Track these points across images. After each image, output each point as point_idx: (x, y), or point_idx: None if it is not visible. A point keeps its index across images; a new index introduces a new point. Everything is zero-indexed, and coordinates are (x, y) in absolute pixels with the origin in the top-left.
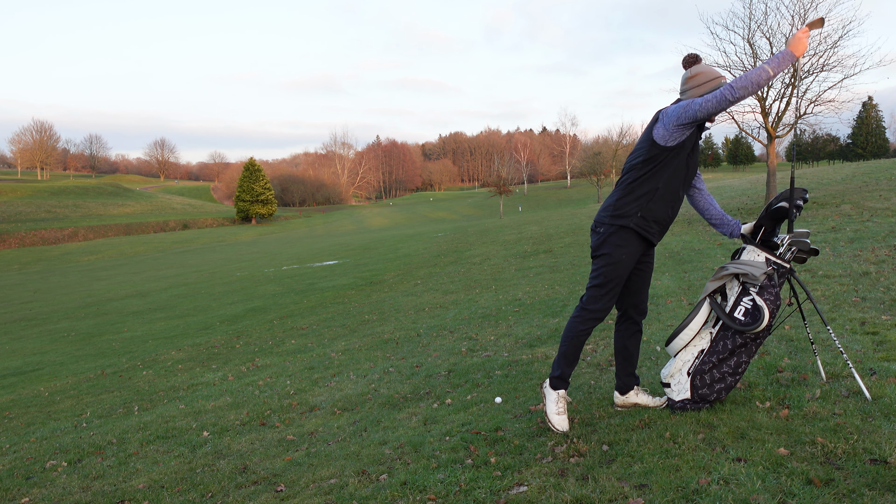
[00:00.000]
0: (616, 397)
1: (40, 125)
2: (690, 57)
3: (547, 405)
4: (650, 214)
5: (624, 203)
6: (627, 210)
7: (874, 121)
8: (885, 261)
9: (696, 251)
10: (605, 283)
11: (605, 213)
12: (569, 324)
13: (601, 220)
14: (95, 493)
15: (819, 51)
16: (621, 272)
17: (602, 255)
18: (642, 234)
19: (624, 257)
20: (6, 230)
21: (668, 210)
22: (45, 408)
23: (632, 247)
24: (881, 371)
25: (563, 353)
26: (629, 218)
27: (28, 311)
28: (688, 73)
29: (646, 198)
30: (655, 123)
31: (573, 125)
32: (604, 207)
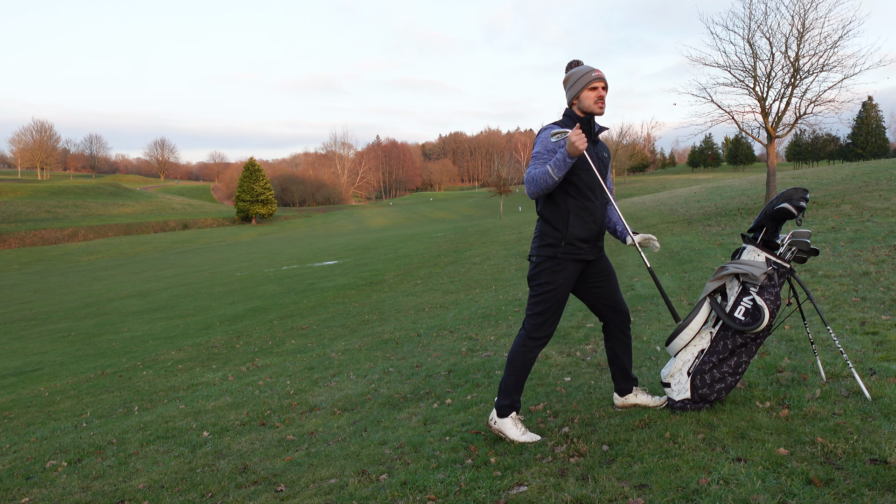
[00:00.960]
0: (616, 399)
1: (40, 125)
2: (572, 62)
3: (508, 434)
4: (573, 237)
5: (546, 233)
6: (551, 240)
7: (874, 121)
8: (885, 261)
9: (696, 251)
10: (546, 310)
11: (534, 244)
12: (515, 353)
13: (532, 251)
14: (95, 493)
15: (819, 51)
16: (560, 297)
17: (539, 284)
18: (573, 258)
19: (562, 282)
20: (6, 230)
21: (589, 226)
22: (45, 408)
23: (567, 271)
24: (881, 371)
25: (513, 383)
26: (555, 248)
27: (28, 311)
28: (564, 77)
29: (562, 224)
30: None
31: None
32: (533, 238)
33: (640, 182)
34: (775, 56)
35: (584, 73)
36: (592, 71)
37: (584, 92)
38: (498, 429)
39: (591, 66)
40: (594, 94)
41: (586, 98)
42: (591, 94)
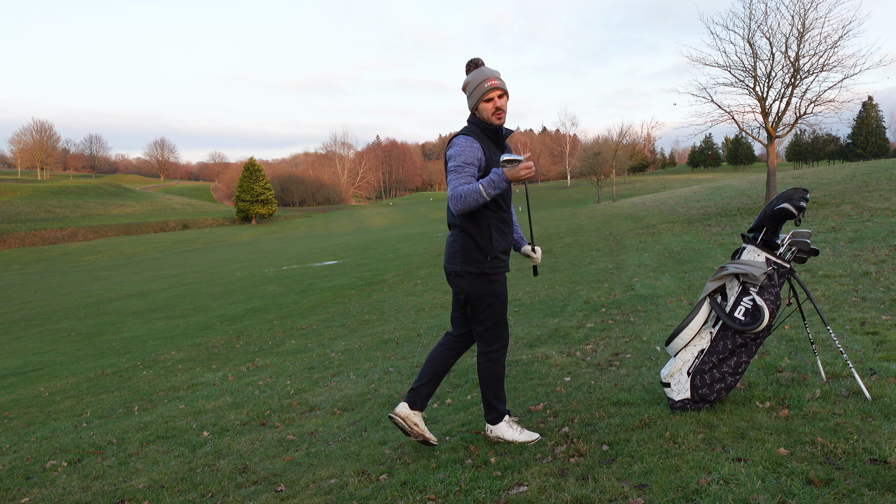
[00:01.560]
0: (402, 407)
1: (40, 125)
2: (470, 62)
3: (507, 437)
4: (497, 251)
5: (469, 250)
6: (477, 256)
7: (874, 121)
8: (885, 261)
9: (696, 251)
10: (499, 321)
11: (454, 260)
12: (484, 371)
13: (458, 270)
14: (95, 493)
15: (819, 51)
16: (505, 301)
17: (482, 298)
18: (499, 272)
19: (502, 288)
20: (6, 230)
21: (507, 237)
22: (45, 408)
23: (501, 277)
24: (881, 371)
25: (493, 395)
26: (482, 264)
27: (28, 311)
28: (464, 83)
29: (485, 238)
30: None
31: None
32: (450, 256)
33: (640, 182)
34: (775, 56)
35: (478, 82)
36: (486, 80)
37: (481, 104)
38: (496, 435)
39: (487, 72)
40: (490, 105)
41: (484, 110)
42: (488, 105)
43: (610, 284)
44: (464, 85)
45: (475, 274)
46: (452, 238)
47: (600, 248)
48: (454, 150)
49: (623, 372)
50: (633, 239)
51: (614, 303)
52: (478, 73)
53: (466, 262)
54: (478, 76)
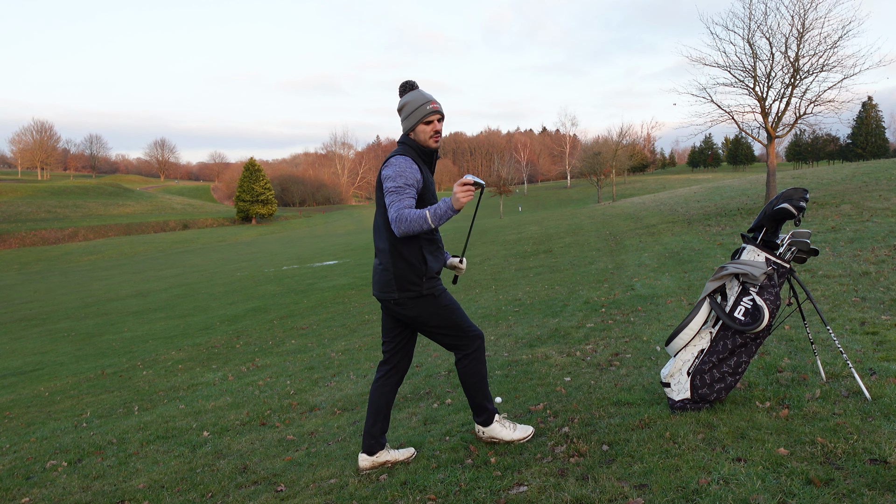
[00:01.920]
0: (364, 460)
1: (40, 125)
2: (402, 85)
3: (501, 436)
4: (432, 272)
5: (404, 274)
6: (414, 279)
7: (874, 121)
8: (885, 261)
9: (696, 251)
10: (461, 324)
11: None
12: (471, 371)
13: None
14: (95, 493)
15: (819, 51)
16: (458, 306)
17: (433, 316)
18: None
19: (449, 299)
20: (6, 230)
21: (439, 258)
22: (45, 408)
23: (443, 291)
24: (881, 371)
25: (483, 396)
26: (419, 286)
27: (28, 311)
28: (400, 104)
29: (420, 260)
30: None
31: (573, 125)
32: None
33: (640, 182)
34: (775, 56)
35: (419, 104)
36: (427, 103)
37: (419, 126)
38: (489, 436)
39: (427, 95)
40: (430, 128)
41: (422, 132)
42: (427, 128)
43: (610, 284)
44: (400, 106)
45: (415, 297)
46: (382, 266)
47: (600, 248)
48: (393, 171)
49: (623, 372)
50: (633, 239)
51: (614, 303)
52: (417, 94)
53: (403, 288)
54: (418, 98)
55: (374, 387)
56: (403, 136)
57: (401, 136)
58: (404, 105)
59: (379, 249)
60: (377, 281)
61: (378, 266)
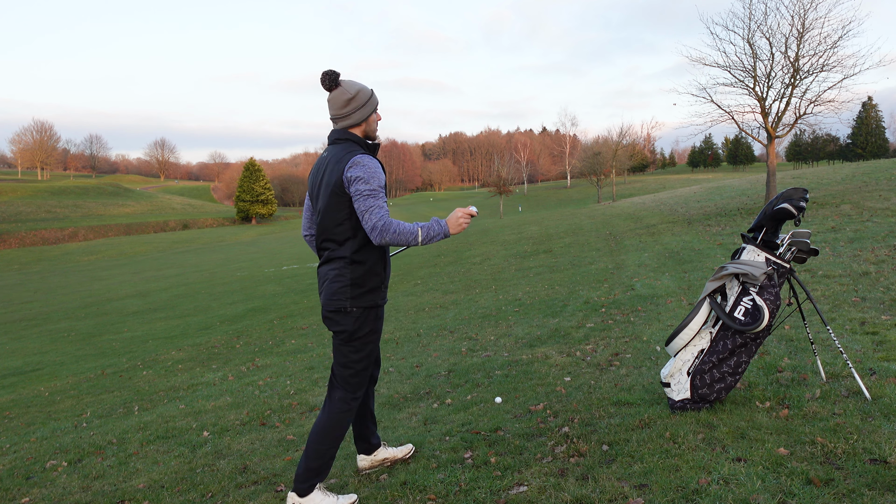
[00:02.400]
0: (362, 460)
1: (40, 125)
2: (333, 74)
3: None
4: (387, 279)
5: (363, 280)
6: (372, 286)
7: (874, 121)
8: (885, 261)
9: (696, 251)
10: (367, 365)
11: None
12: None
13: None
14: (95, 493)
15: (819, 51)
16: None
17: (362, 337)
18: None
19: (380, 327)
20: (6, 230)
21: (388, 263)
22: (45, 408)
23: (381, 314)
24: (881, 371)
25: (331, 456)
26: (377, 294)
27: (28, 311)
28: (347, 94)
29: (381, 267)
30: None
31: (573, 125)
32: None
33: (640, 182)
34: (775, 56)
35: (369, 93)
36: (372, 92)
37: (372, 115)
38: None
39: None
40: (377, 117)
41: (373, 122)
42: (376, 117)
43: (610, 284)
44: (351, 96)
45: (366, 308)
46: (337, 270)
47: (600, 248)
48: (365, 172)
49: (623, 372)
50: (633, 239)
51: (614, 303)
52: (361, 84)
53: (359, 296)
54: (364, 87)
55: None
56: (343, 131)
57: (340, 132)
58: (356, 94)
59: (330, 254)
60: (328, 287)
61: (329, 270)
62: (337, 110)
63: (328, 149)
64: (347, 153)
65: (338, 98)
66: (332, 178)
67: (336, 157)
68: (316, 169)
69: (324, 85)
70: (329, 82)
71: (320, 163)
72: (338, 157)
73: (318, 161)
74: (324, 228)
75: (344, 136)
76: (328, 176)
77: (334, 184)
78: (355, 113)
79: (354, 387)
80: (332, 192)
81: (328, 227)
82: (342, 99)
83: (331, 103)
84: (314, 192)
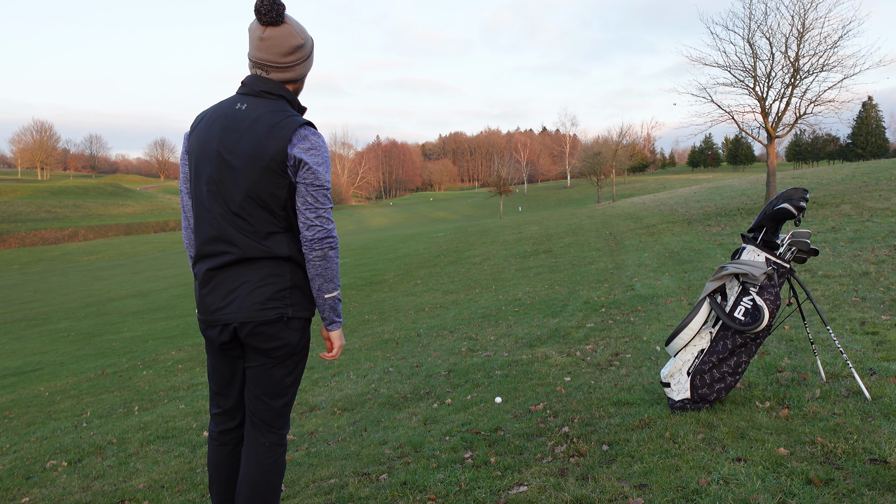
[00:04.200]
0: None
1: (40, 125)
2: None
3: None
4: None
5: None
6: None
7: (874, 121)
8: (885, 261)
9: (696, 251)
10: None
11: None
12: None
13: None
14: (95, 493)
15: (819, 51)
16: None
17: (302, 350)
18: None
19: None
20: (6, 230)
21: None
22: (45, 408)
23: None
24: (881, 371)
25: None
26: (312, 304)
27: (28, 311)
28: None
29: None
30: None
31: (573, 125)
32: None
33: (640, 182)
34: (775, 56)
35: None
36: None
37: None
38: None
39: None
40: None
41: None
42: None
43: (610, 284)
44: (300, 42)
45: (306, 319)
46: (269, 269)
47: (600, 248)
48: (321, 157)
49: (623, 372)
50: (633, 239)
51: (614, 303)
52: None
53: (300, 303)
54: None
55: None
56: (277, 84)
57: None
58: (306, 42)
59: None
60: (256, 292)
61: (255, 272)
62: (277, 55)
63: (245, 99)
64: (287, 117)
65: (283, 40)
66: (267, 148)
67: (268, 121)
68: (223, 126)
69: (264, 14)
70: (275, 13)
71: (231, 118)
72: (271, 120)
73: (225, 113)
74: (236, 214)
75: (277, 91)
76: (256, 142)
77: (270, 156)
78: (299, 65)
79: (285, 420)
80: (265, 168)
81: (248, 211)
82: (289, 44)
83: (267, 43)
84: (215, 159)
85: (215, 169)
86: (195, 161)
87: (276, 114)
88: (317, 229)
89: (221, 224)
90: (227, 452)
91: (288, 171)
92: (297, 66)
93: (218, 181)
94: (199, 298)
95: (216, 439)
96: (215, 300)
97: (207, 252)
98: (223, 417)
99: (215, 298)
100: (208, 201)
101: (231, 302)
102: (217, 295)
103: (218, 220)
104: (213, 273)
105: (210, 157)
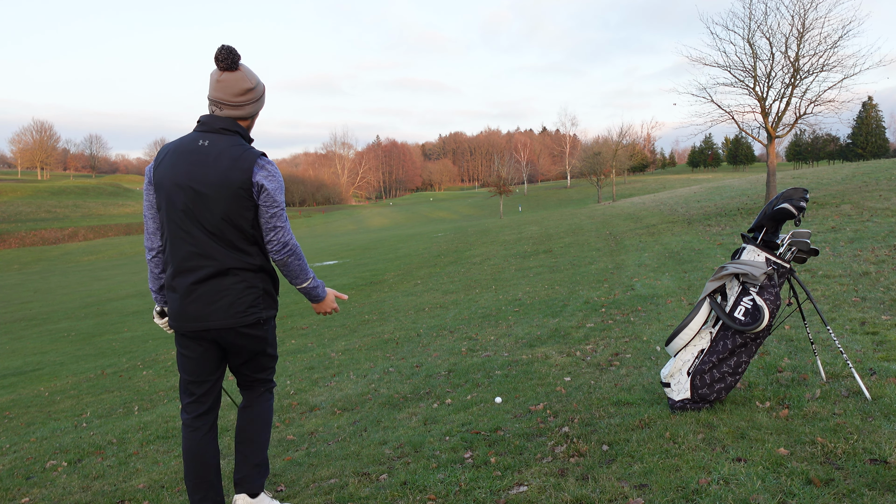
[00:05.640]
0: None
1: (40, 125)
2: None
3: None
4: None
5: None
6: (275, 297)
7: (874, 121)
8: (885, 261)
9: (696, 251)
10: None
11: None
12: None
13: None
14: (95, 493)
15: (819, 51)
16: None
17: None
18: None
19: None
20: (6, 230)
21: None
22: (45, 408)
23: None
24: (881, 371)
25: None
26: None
27: (28, 311)
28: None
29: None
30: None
31: (573, 125)
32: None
33: (640, 182)
34: (775, 56)
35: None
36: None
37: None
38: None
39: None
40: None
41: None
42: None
43: (610, 284)
44: (252, 86)
45: (273, 317)
46: (246, 282)
47: (600, 248)
48: (278, 183)
49: (623, 372)
50: (633, 239)
51: (614, 303)
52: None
53: (270, 306)
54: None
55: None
56: (231, 121)
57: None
58: (256, 86)
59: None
60: (234, 302)
61: (235, 284)
62: (231, 96)
63: (206, 136)
64: (245, 151)
65: (236, 83)
66: (233, 178)
67: (231, 154)
68: (190, 161)
69: (221, 62)
70: (230, 62)
71: (196, 153)
72: (233, 154)
73: (189, 149)
74: (213, 233)
75: (233, 128)
76: (223, 173)
77: (238, 185)
78: (249, 105)
79: (273, 372)
80: (234, 195)
81: (223, 231)
82: (241, 87)
83: (223, 85)
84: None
85: (189, 198)
86: (167, 192)
87: (235, 147)
88: (275, 242)
89: (199, 242)
90: (200, 437)
91: (253, 195)
92: (247, 105)
93: (193, 208)
94: (178, 308)
95: (189, 425)
96: (199, 308)
97: (187, 267)
98: (196, 405)
99: (199, 307)
100: (186, 224)
101: (215, 310)
102: (200, 304)
103: (196, 239)
104: (195, 286)
105: (182, 187)
